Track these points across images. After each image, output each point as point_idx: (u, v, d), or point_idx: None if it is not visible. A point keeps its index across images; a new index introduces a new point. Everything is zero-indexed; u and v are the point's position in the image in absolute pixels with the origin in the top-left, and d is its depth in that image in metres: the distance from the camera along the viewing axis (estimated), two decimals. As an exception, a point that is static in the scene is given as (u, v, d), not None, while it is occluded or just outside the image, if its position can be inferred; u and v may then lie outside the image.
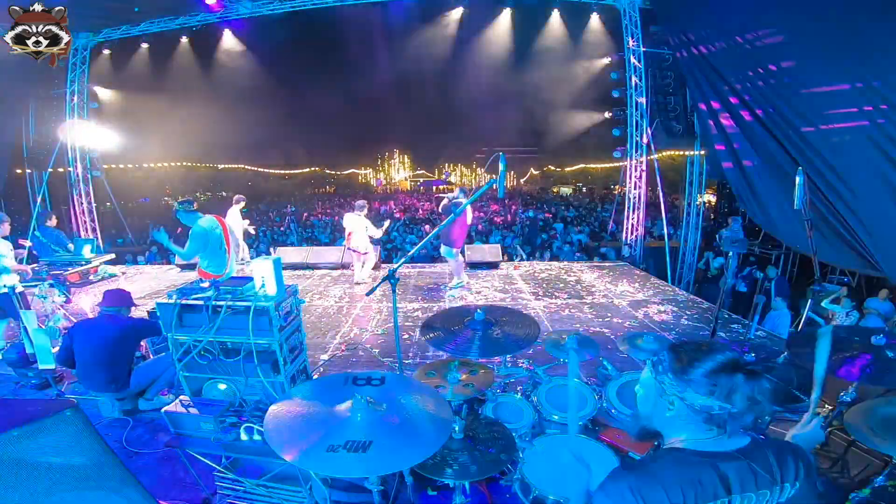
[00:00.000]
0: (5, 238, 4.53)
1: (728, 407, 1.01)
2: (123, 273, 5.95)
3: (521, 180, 43.20)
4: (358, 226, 7.04)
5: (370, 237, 7.16)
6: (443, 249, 6.52)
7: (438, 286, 7.16)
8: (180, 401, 2.41)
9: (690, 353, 1.08)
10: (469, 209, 6.26)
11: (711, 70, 7.40)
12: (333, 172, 45.31)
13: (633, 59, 10.31)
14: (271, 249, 10.36)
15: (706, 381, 1.03)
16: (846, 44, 4.98)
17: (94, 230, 11.64)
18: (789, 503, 1.02)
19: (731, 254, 4.70)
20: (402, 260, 2.66)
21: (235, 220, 7.76)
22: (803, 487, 1.03)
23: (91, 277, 5.41)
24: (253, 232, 8.13)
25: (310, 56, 17.42)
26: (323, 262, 8.68)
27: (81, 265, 5.31)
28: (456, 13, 11.46)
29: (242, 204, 8.04)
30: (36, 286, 5.04)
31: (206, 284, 2.95)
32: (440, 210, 6.48)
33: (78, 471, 1.42)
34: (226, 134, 17.71)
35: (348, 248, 7.36)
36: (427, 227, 15.27)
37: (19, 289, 4.50)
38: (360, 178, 47.73)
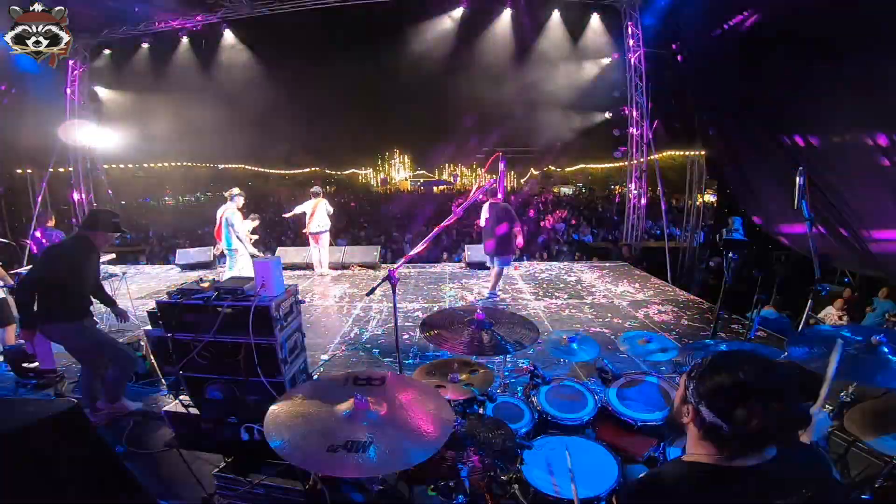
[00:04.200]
0: None
1: (737, 428, 0.97)
2: (124, 273, 5.94)
3: (522, 180, 43.17)
4: (317, 207, 7.53)
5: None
6: None
7: (439, 286, 7.17)
8: (180, 401, 2.41)
9: (717, 364, 1.04)
10: (483, 210, 6.06)
11: (712, 70, 7.40)
12: (333, 172, 45.30)
13: (633, 59, 10.32)
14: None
15: (713, 395, 1.00)
16: (846, 50, 4.97)
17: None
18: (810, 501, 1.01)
19: (730, 254, 4.70)
20: (402, 260, 2.66)
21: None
22: (822, 488, 1.03)
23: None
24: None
25: (310, 56, 17.44)
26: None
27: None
28: (456, 13, 11.47)
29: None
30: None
31: (206, 284, 2.94)
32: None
33: (78, 470, 1.43)
34: (226, 134, 17.72)
35: (310, 234, 7.64)
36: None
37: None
38: (360, 178, 47.70)
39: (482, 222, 6.09)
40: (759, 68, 6.26)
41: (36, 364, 3.84)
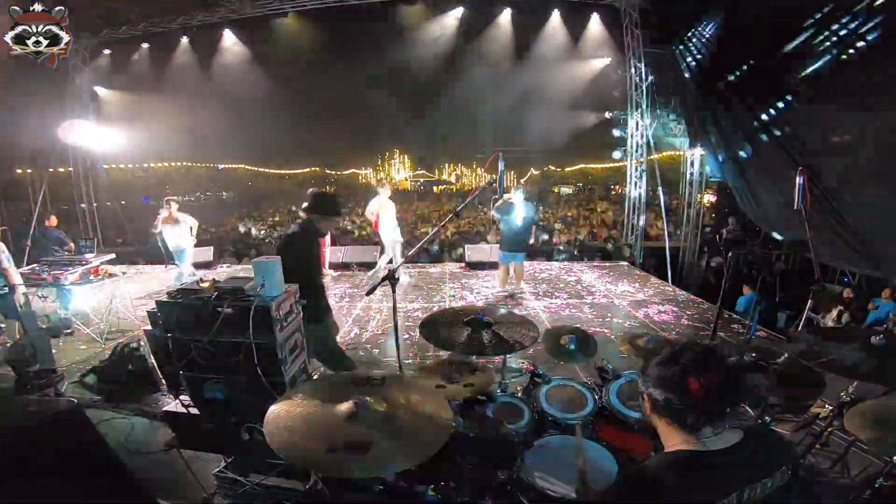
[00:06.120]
0: None
1: (683, 397, 1.05)
2: (124, 273, 5.94)
3: (522, 180, 43.16)
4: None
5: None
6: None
7: (439, 286, 7.17)
8: (180, 401, 2.41)
9: (655, 354, 1.18)
10: (519, 209, 5.96)
11: (712, 70, 7.40)
12: (333, 172, 45.29)
13: (632, 59, 10.31)
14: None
15: (657, 373, 1.11)
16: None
17: (94, 230, 11.64)
18: (778, 492, 1.06)
19: (730, 254, 4.71)
20: (402, 260, 2.65)
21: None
22: (788, 476, 1.09)
23: (91, 277, 5.40)
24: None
25: (310, 56, 17.42)
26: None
27: (82, 265, 5.30)
28: (456, 13, 11.47)
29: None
30: (35, 286, 5.03)
31: (206, 284, 2.94)
32: (493, 212, 6.25)
33: (78, 470, 1.43)
34: (226, 134, 17.71)
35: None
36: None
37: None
38: (360, 178, 47.67)
39: (519, 221, 6.01)
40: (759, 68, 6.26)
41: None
